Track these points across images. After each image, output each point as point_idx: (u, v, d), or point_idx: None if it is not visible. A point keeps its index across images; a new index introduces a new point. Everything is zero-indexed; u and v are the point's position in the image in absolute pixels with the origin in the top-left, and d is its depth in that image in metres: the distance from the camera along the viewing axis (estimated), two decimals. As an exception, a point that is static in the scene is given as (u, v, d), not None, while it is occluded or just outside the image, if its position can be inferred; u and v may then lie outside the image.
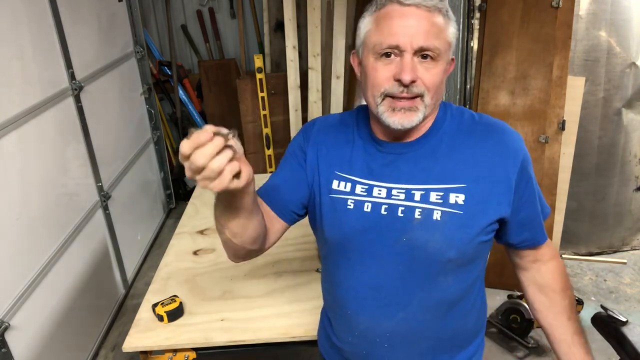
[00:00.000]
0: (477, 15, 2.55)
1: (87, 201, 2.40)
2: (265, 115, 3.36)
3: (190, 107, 3.89)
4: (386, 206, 0.94)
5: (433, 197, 0.93)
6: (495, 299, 2.51)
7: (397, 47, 0.87)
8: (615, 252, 2.95)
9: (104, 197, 2.55)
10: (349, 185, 0.98)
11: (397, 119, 0.90)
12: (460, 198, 0.92)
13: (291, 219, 1.07)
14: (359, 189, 0.97)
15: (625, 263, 2.84)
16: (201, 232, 1.96)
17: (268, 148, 3.45)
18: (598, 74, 2.60)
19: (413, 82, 0.87)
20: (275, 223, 1.04)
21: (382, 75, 0.89)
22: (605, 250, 2.95)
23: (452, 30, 0.91)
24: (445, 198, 0.92)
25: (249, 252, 1.00)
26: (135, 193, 3.04)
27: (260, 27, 3.69)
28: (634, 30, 2.57)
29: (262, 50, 3.66)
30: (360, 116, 1.05)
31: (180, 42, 3.88)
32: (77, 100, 2.33)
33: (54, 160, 2.12)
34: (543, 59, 2.36)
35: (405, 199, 0.93)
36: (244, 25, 3.70)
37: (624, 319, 1.48)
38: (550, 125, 2.38)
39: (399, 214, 0.93)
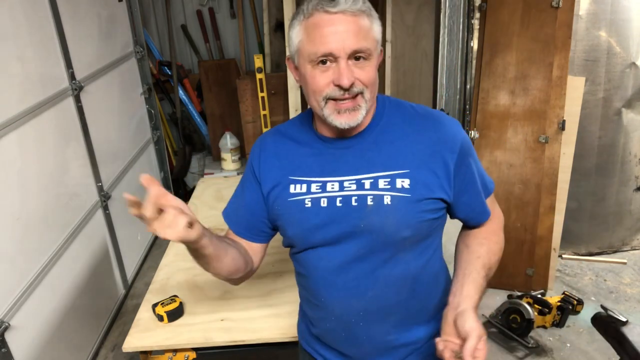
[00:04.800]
0: (477, 15, 2.55)
1: (87, 201, 2.40)
2: (265, 115, 3.36)
3: (190, 107, 3.89)
4: (340, 198, 1.01)
5: (381, 183, 1.00)
6: (495, 299, 2.51)
7: (331, 55, 0.93)
8: (615, 252, 2.95)
9: (104, 197, 2.55)
10: (304, 186, 1.05)
11: (343, 120, 0.97)
12: (406, 182, 0.99)
13: (266, 238, 1.15)
14: (313, 187, 1.04)
15: (625, 263, 2.84)
16: (201, 232, 1.96)
17: (268, 148, 3.45)
18: (598, 74, 2.60)
19: (352, 84, 0.94)
20: (253, 246, 1.14)
21: (321, 81, 0.95)
22: (605, 250, 2.95)
23: (377, 29, 0.98)
24: (392, 184, 1.00)
25: (238, 279, 1.12)
26: (135, 193, 3.02)
27: (260, 27, 3.69)
28: (634, 30, 2.57)
29: (262, 50, 3.66)
30: (303, 120, 1.12)
31: (180, 42, 3.88)
32: (77, 100, 2.33)
33: (54, 160, 2.12)
34: (543, 59, 2.36)
35: (357, 189, 1.01)
36: (244, 25, 3.70)
37: (624, 319, 1.48)
38: (550, 125, 2.38)
39: (353, 203, 1.00)
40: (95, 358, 2.36)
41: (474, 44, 2.60)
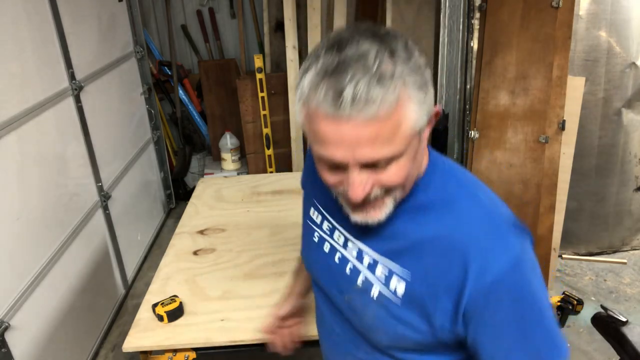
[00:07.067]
0: (477, 15, 2.56)
1: (87, 201, 2.40)
2: (265, 115, 3.36)
3: (190, 107, 3.89)
4: (339, 256, 0.86)
5: (379, 270, 0.79)
6: (495, 299, 2.51)
7: (337, 164, 0.68)
8: (615, 252, 2.95)
9: (104, 197, 2.55)
10: (319, 217, 0.91)
11: (359, 218, 0.75)
12: (400, 286, 0.76)
13: None
14: (325, 225, 0.90)
15: (625, 263, 2.84)
16: (201, 232, 1.96)
17: (268, 148, 3.45)
18: (598, 74, 2.60)
19: (368, 194, 0.70)
20: None
21: (331, 179, 0.72)
22: (605, 250, 2.95)
23: (414, 116, 0.65)
24: (388, 278, 0.77)
25: None
26: (135, 193, 3.04)
27: (260, 27, 3.69)
28: (634, 30, 2.57)
29: (262, 50, 3.66)
30: None
31: (180, 42, 3.88)
32: (77, 100, 2.33)
33: (54, 160, 2.12)
34: (543, 59, 2.36)
35: (356, 258, 0.82)
36: (244, 25, 3.70)
37: (624, 319, 1.47)
38: (550, 125, 2.38)
39: (347, 270, 0.83)
40: (95, 358, 2.36)
41: (474, 44, 2.60)
